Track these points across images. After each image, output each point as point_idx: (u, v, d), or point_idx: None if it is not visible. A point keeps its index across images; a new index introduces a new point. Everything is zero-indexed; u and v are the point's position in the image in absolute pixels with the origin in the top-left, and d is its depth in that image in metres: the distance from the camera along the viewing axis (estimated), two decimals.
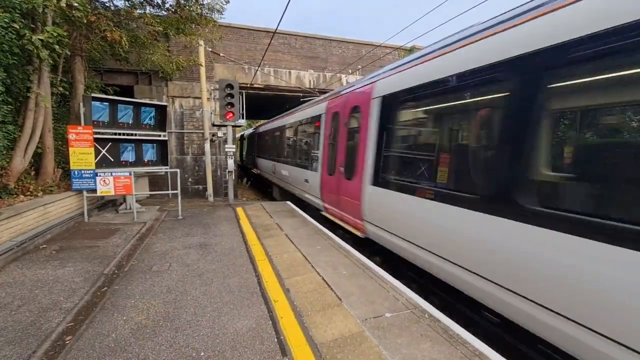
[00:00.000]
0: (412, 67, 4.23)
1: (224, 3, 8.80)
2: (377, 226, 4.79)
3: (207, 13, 8.58)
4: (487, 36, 3.09)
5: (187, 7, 8.24)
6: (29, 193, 6.07)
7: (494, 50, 2.95)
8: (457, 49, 3.43)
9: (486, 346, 2.62)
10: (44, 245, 5.14)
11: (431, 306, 3.27)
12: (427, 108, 4.18)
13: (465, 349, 2.58)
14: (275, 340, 2.71)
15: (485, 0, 5.81)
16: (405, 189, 4.06)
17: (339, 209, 6.20)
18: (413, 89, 4.07)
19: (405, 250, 4.07)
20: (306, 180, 7.89)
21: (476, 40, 3.20)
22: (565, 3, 2.40)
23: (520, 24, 2.77)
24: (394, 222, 4.37)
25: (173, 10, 8.43)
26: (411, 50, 13.54)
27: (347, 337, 2.74)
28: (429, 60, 3.87)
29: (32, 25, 5.83)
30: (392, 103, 4.54)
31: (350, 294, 3.53)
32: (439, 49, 3.78)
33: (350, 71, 13.87)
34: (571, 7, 2.35)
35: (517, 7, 3.00)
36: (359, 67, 13.88)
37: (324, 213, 7.08)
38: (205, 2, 8.55)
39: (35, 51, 5.38)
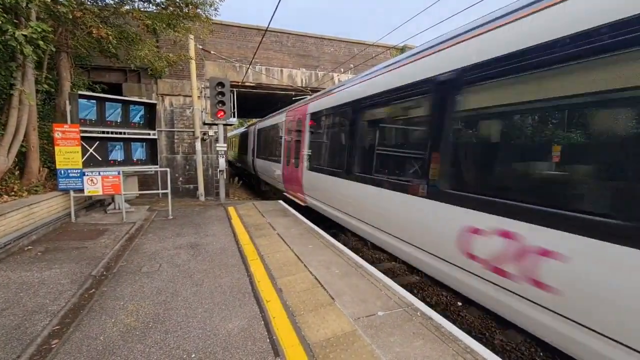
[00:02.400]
0: (319, 99, 7.29)
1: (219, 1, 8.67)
2: (310, 197, 7.31)
3: (200, 6, 8.42)
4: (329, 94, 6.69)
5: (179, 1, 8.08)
6: (13, 193, 5.91)
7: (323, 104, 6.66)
8: (331, 94, 6.50)
9: (477, 343, 2.65)
10: (29, 247, 5.01)
11: (423, 304, 3.29)
12: (328, 122, 6.73)
13: (457, 346, 2.60)
14: (268, 340, 2.69)
15: (477, 2, 5.85)
16: (322, 171, 6.53)
17: (292, 189, 8.74)
18: (320, 111, 6.99)
19: (325, 211, 6.53)
20: (274, 170, 10.47)
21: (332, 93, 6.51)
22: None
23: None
24: (318, 193, 6.83)
25: (164, 6, 8.27)
26: (403, 49, 13.61)
27: (340, 336, 2.73)
28: (327, 95, 6.82)
29: (16, 21, 5.65)
30: (314, 118, 7.33)
31: (343, 293, 3.53)
32: (330, 90, 6.81)
33: (342, 70, 13.87)
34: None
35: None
36: (352, 66, 13.89)
37: (285, 193, 9.54)
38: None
39: (18, 47, 5.21)
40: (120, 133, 7.73)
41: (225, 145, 9.72)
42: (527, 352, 3.55)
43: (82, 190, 6.66)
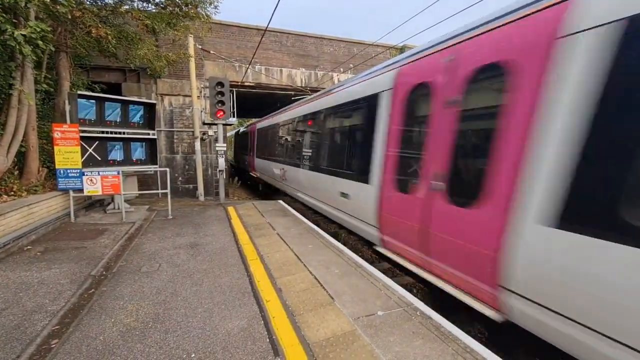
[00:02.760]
0: (261, 121, 14.29)
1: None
2: (259, 172, 13.69)
3: (200, 5, 8.39)
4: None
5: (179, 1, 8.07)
6: (12, 193, 5.90)
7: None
8: (277, 115, 11.42)
9: (477, 342, 2.66)
10: (29, 247, 5.00)
11: (423, 304, 3.29)
12: (265, 134, 12.90)
13: (457, 345, 2.61)
14: (268, 340, 2.70)
15: (476, 2, 5.87)
16: (263, 158, 12.61)
17: (253, 170, 14.86)
18: (261, 128, 13.80)
19: (267, 179, 12.32)
20: (246, 161, 17.16)
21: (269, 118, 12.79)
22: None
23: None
24: (262, 170, 12.77)
25: (163, 5, 8.27)
26: (402, 49, 13.61)
27: (340, 336, 2.74)
28: (262, 121, 14.02)
29: (15, 20, 5.64)
30: (260, 131, 13.74)
31: (343, 292, 3.53)
32: (264, 118, 13.99)
33: (342, 70, 13.87)
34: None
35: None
36: (351, 65, 13.89)
37: (251, 173, 15.82)
38: None
39: (17, 47, 5.21)
40: (120, 133, 7.73)
41: (225, 145, 9.72)
42: (525, 351, 3.55)
43: (81, 190, 6.66)
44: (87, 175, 6.63)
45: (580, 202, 2.14)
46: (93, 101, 7.26)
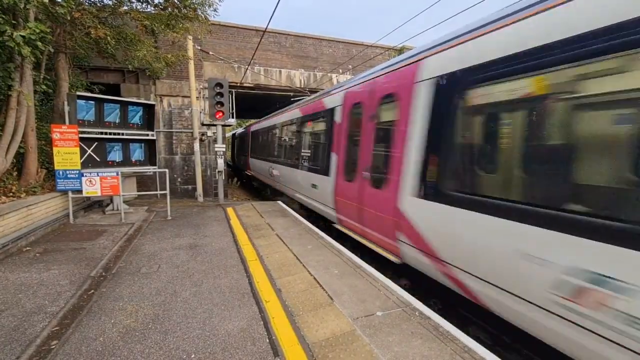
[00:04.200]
0: (254, 125, 16.08)
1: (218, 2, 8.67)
2: (252, 169, 14.96)
3: (199, 7, 8.39)
4: None
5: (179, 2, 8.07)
6: (11, 194, 5.89)
7: None
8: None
9: (475, 342, 2.68)
10: (28, 248, 5.00)
11: (422, 304, 3.31)
12: (253, 136, 15.63)
13: (455, 345, 2.62)
14: (267, 340, 2.71)
15: (477, 3, 5.87)
16: (254, 157, 14.53)
17: (244, 167, 17.95)
18: (253, 131, 15.94)
19: (254, 173, 14.48)
20: (248, 162, 16.21)
21: None
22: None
23: None
24: (253, 164, 14.62)
25: (162, 6, 8.27)
26: (401, 50, 13.64)
27: (339, 336, 2.75)
28: (255, 124, 16.11)
29: (14, 21, 5.64)
30: (252, 133, 15.76)
31: (342, 293, 3.54)
32: (255, 122, 17.03)
33: (340, 71, 13.89)
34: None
35: None
36: (350, 67, 13.91)
37: (245, 172, 17.42)
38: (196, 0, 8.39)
39: (16, 48, 5.21)
40: (119, 134, 7.72)
41: (224, 145, 9.72)
42: (524, 351, 3.57)
43: (80, 191, 6.65)
44: (86, 176, 6.63)
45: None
46: (92, 102, 7.26)
